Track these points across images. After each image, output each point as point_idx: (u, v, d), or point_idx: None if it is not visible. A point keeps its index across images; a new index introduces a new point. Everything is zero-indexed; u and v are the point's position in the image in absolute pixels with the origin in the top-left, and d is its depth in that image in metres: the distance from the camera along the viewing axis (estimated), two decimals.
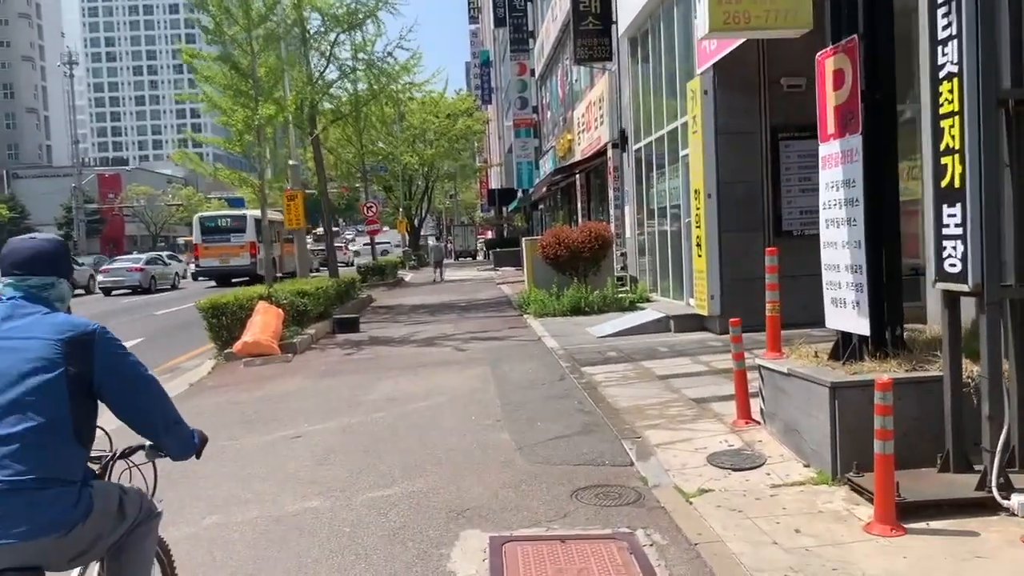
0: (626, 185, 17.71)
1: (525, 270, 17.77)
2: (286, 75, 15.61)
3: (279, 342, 12.85)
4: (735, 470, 5.58)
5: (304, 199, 17.06)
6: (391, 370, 10.73)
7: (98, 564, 2.77)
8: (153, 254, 46.77)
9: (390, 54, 20.27)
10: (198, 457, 3.00)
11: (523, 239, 18.04)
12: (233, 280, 32.09)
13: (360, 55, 19.95)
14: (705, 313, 11.66)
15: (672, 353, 10.39)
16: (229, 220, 35.12)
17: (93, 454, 2.74)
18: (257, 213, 47.60)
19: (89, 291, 34.83)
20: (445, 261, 38.11)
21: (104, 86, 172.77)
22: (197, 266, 35.77)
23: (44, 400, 2.46)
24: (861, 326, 5.52)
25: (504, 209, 61.37)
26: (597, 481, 5.57)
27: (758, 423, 6.45)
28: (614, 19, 18.22)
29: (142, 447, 2.94)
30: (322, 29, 19.79)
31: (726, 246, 11.49)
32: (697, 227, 11.73)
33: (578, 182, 24.37)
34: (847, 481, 5.03)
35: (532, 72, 35.90)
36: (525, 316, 16.25)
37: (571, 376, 9.32)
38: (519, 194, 44.74)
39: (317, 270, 34.68)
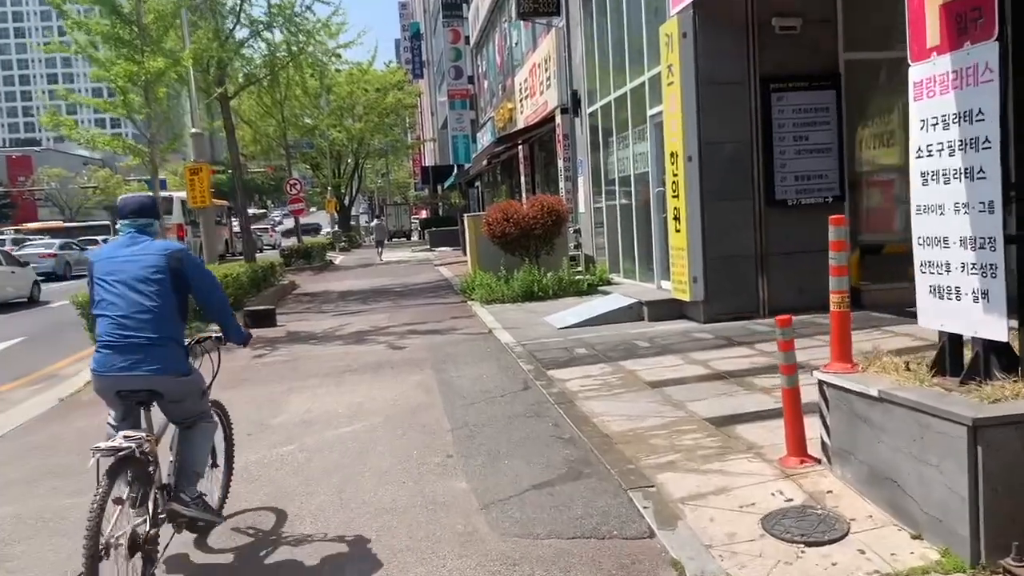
0: (579, 154, 15.83)
1: (468, 251, 15.77)
2: (184, 23, 13.20)
3: None
4: (809, 544, 3.75)
5: (210, 173, 14.70)
6: (310, 378, 8.66)
7: (176, 432, 4.13)
8: (66, 239, 43.82)
9: (308, 7, 17.88)
10: (246, 346, 4.55)
11: (465, 216, 16.02)
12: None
13: (274, 9, 17.52)
14: (686, 298, 9.87)
15: (655, 350, 8.55)
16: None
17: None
18: (183, 195, 45.57)
19: None
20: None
21: (13, 63, 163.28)
22: None
23: (159, 290, 3.82)
24: (990, 327, 3.72)
25: (439, 187, 59.13)
26: (608, 572, 3.68)
27: (817, 461, 4.63)
28: None
29: (210, 337, 4.38)
30: None
31: (710, 218, 9.70)
32: (674, 196, 9.91)
33: (521, 154, 22.38)
34: (1004, 572, 3.25)
35: (467, 40, 33.69)
36: (470, 303, 14.28)
37: (537, 383, 7.40)
38: (455, 170, 42.57)
39: (237, 254, 32.77)
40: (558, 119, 17.07)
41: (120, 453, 3.52)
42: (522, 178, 22.66)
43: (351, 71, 42.72)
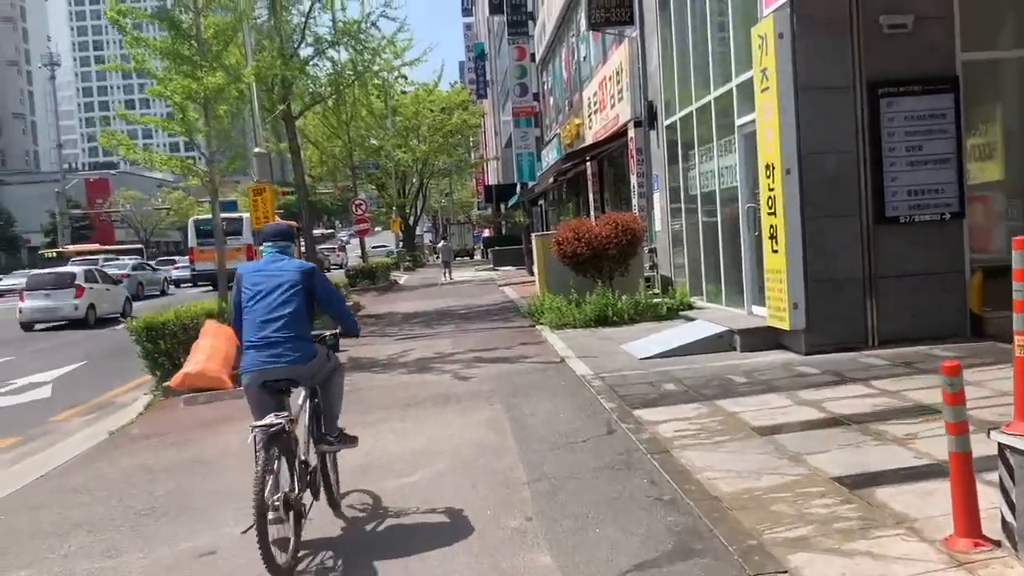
0: (654, 169, 14.94)
1: (536, 272, 14.99)
2: (247, 38, 12.79)
3: (232, 371, 10.08)
4: None
5: (274, 193, 14.26)
6: (371, 411, 7.94)
7: (310, 393, 4.93)
8: (140, 260, 44.78)
9: (373, 24, 17.45)
10: (358, 336, 5.76)
11: (532, 236, 15.27)
12: (230, 284, 30.26)
13: (339, 26, 17.14)
14: (784, 326, 8.88)
15: (755, 386, 7.59)
16: (225, 223, 33.56)
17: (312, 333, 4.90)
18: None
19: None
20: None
21: (93, 90, 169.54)
22: (193, 270, 35.80)
23: (295, 299, 4.68)
24: None
25: (503, 205, 58.73)
26: None
27: (995, 544, 3.66)
28: None
29: (334, 334, 5.27)
30: None
31: (812, 237, 8.71)
32: (770, 213, 8.95)
33: (589, 171, 21.58)
34: None
35: (532, 57, 33.11)
36: (539, 327, 13.46)
37: (623, 426, 6.53)
38: (519, 189, 41.96)
39: None
40: (631, 133, 16.22)
41: (272, 429, 4.29)
42: (590, 195, 21.85)
43: (416, 92, 42.65)
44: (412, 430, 7.19)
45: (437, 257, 62.80)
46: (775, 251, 8.91)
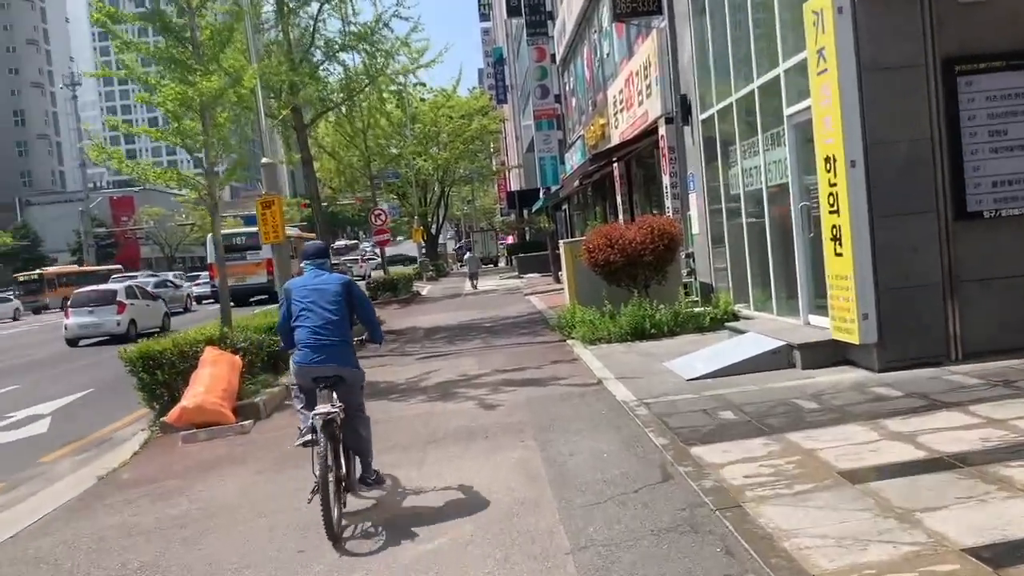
0: (689, 168, 13.87)
1: (565, 281, 13.98)
2: (250, 36, 11.90)
3: (236, 403, 9.17)
4: None
5: (281, 205, 13.36)
6: (385, 452, 6.94)
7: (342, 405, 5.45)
8: (160, 277, 44.42)
9: (386, 24, 16.53)
10: (380, 344, 6.22)
11: (560, 243, 14.25)
12: (252, 299, 31.62)
13: (351, 29, 16.29)
14: (852, 339, 7.79)
15: (829, 414, 6.51)
16: (244, 238, 34.93)
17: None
18: None
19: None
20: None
21: (117, 109, 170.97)
22: (213, 286, 35.67)
23: (338, 309, 5.45)
24: None
25: (525, 212, 57.77)
26: None
27: None
28: None
29: (360, 340, 5.95)
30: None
31: (883, 238, 7.62)
32: (832, 212, 7.87)
33: (616, 172, 20.52)
34: None
35: (552, 58, 32.13)
36: (570, 342, 12.45)
37: (680, 469, 5.50)
38: (542, 193, 40.95)
39: None
40: (662, 130, 15.17)
41: (329, 416, 5.16)
42: (618, 198, 20.79)
43: (435, 99, 41.85)
44: (432, 477, 6.20)
45: (461, 266, 62.18)
46: (839, 254, 7.83)
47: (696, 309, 12.10)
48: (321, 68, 16.74)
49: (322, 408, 5.21)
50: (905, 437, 5.61)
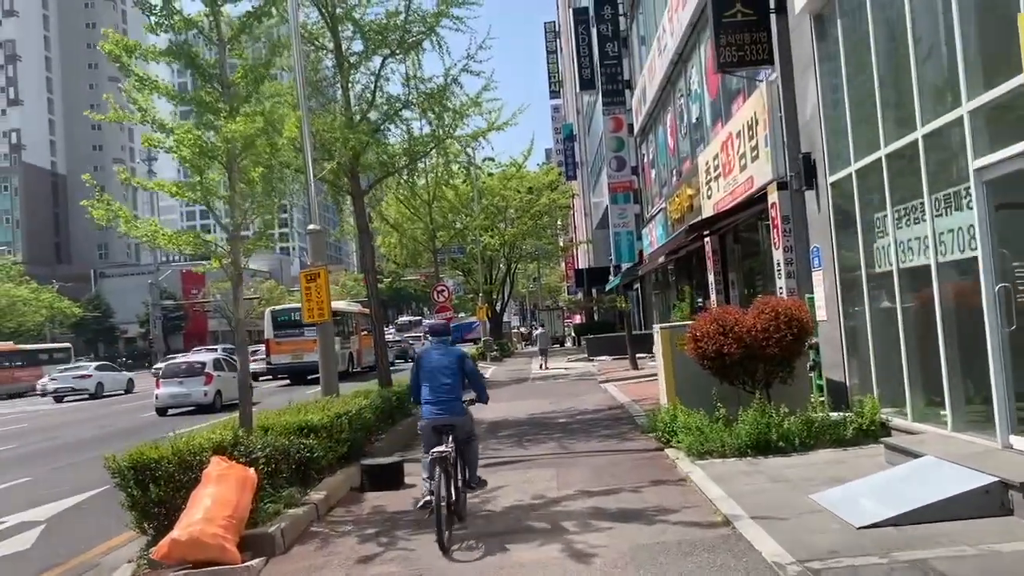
0: (812, 240, 11.52)
1: (662, 374, 11.60)
2: (299, 79, 10.16)
3: (245, 531, 7.01)
4: None
5: (327, 279, 11.45)
6: None
7: (454, 445, 7.20)
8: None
9: (455, 80, 14.80)
10: (486, 403, 7.99)
11: (656, 327, 11.95)
12: (309, 377, 30.55)
13: (415, 82, 14.61)
14: None
15: None
16: (301, 312, 32.05)
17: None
18: (335, 305, 44.69)
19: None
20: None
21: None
22: (269, 363, 34.86)
23: (454, 375, 7.37)
24: None
25: (594, 290, 55.60)
26: None
27: None
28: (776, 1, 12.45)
29: (471, 400, 7.65)
30: (362, 51, 14.54)
31: None
32: None
33: (709, 248, 18.25)
34: None
35: (629, 128, 30.36)
36: (670, 453, 10.01)
37: None
38: (612, 271, 38.80)
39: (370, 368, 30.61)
40: (772, 198, 12.92)
41: (443, 454, 6.95)
42: (710, 276, 18.45)
43: (504, 171, 40.50)
44: None
45: (527, 345, 59.96)
46: None
47: (832, 415, 9.58)
48: (383, 127, 15.02)
49: (439, 449, 6.97)
50: None
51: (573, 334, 59.86)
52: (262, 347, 36.42)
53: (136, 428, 20.43)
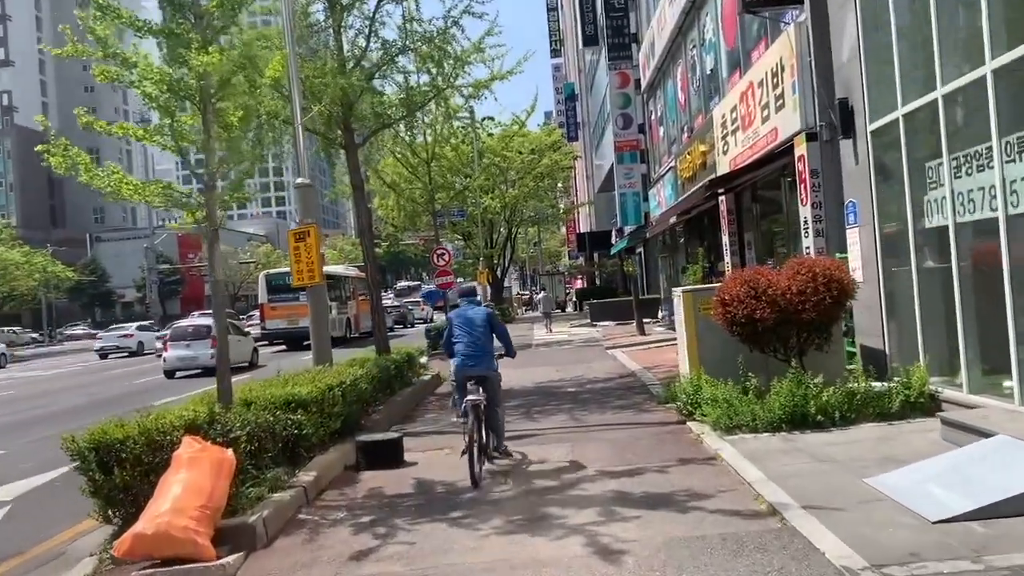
0: (848, 194, 10.55)
1: (683, 341, 10.67)
2: (287, 18, 9.08)
3: (221, 521, 6.14)
4: None
5: (318, 238, 10.48)
6: None
7: (485, 395, 7.96)
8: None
9: (456, 22, 13.69)
10: (514, 357, 8.79)
11: (677, 291, 10.99)
12: (305, 343, 29.60)
13: (413, 24, 13.53)
14: None
15: None
16: None
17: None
18: (328, 269, 43.34)
19: None
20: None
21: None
22: (263, 328, 33.94)
23: (485, 331, 8.25)
24: None
25: (596, 254, 54.57)
26: None
27: None
28: None
29: (500, 354, 8.52)
30: None
31: None
32: None
33: (724, 207, 17.25)
34: None
35: (636, 84, 29.13)
36: (694, 426, 9.14)
37: None
38: (615, 233, 37.75)
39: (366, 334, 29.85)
40: (800, 150, 11.92)
41: (476, 401, 7.67)
42: (724, 238, 17.48)
43: (505, 130, 39.28)
44: None
45: (526, 311, 59.01)
46: None
47: (875, 386, 8.69)
48: (378, 73, 13.93)
49: (471, 396, 7.76)
50: None
51: (575, 299, 59.04)
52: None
53: (130, 393, 19.59)
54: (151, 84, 6.78)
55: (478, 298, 9.01)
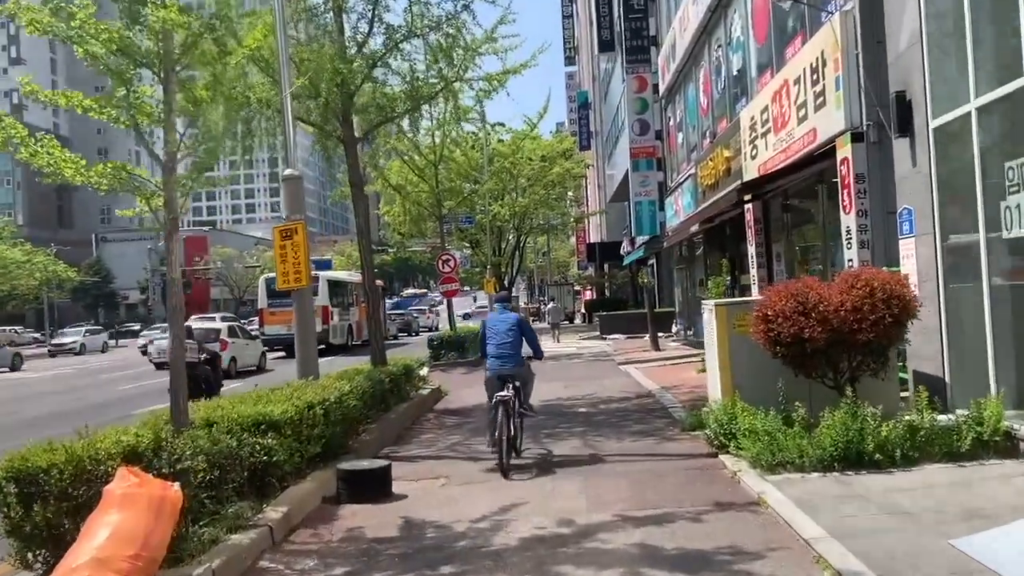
0: (902, 200, 9.35)
1: (715, 361, 9.44)
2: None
3: (159, 573, 4.97)
4: None
5: (306, 236, 9.36)
6: None
7: (514, 390, 8.80)
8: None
9: (466, 6, 12.59)
10: (541, 359, 9.81)
11: (708, 304, 9.78)
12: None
13: (420, 7, 12.44)
14: None
15: None
16: None
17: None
18: (330, 274, 41.72)
19: None
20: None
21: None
22: (262, 334, 32.33)
23: (514, 334, 9.06)
24: None
25: (606, 265, 53.37)
26: None
27: None
28: None
29: (529, 356, 9.41)
30: None
31: None
32: None
33: (750, 215, 16.06)
34: None
35: (655, 89, 28.01)
36: (727, 460, 7.94)
37: None
38: (626, 244, 36.55)
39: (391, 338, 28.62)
40: (844, 152, 10.76)
41: (505, 398, 8.46)
42: (750, 248, 16.28)
43: (515, 135, 38.22)
44: None
45: (534, 321, 57.78)
46: None
47: (939, 419, 7.48)
48: (381, 59, 12.82)
49: (501, 393, 8.57)
50: None
51: (583, 310, 57.87)
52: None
53: (109, 402, 18.48)
54: (96, 41, 5.66)
55: (511, 304, 10.57)
